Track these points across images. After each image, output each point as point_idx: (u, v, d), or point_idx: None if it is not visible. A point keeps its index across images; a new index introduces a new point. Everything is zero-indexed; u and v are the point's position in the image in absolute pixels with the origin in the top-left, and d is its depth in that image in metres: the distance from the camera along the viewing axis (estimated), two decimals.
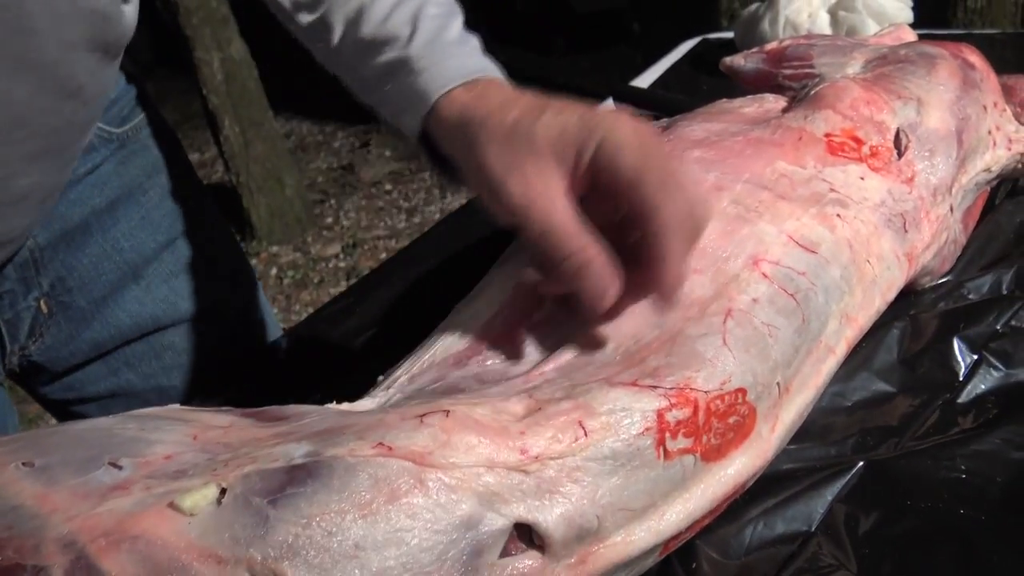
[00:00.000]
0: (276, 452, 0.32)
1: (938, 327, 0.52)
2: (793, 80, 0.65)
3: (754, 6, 1.06)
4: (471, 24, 0.52)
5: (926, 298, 0.56)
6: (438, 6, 0.50)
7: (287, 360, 0.72)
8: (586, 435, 0.34)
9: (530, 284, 0.44)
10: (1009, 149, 0.61)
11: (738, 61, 0.70)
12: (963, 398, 0.48)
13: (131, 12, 0.54)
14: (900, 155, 0.53)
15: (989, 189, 0.65)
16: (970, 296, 0.56)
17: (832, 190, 0.49)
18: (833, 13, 0.98)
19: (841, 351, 0.45)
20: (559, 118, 0.39)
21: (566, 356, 0.40)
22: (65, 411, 0.68)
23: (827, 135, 0.52)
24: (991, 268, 0.59)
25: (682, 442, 0.36)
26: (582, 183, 0.39)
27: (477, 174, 0.41)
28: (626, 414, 0.36)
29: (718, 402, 0.38)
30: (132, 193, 0.64)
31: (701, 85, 1.08)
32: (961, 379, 0.49)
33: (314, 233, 2.56)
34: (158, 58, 4.27)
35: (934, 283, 0.57)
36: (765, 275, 0.42)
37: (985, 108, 0.59)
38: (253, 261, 2.47)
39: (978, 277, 0.58)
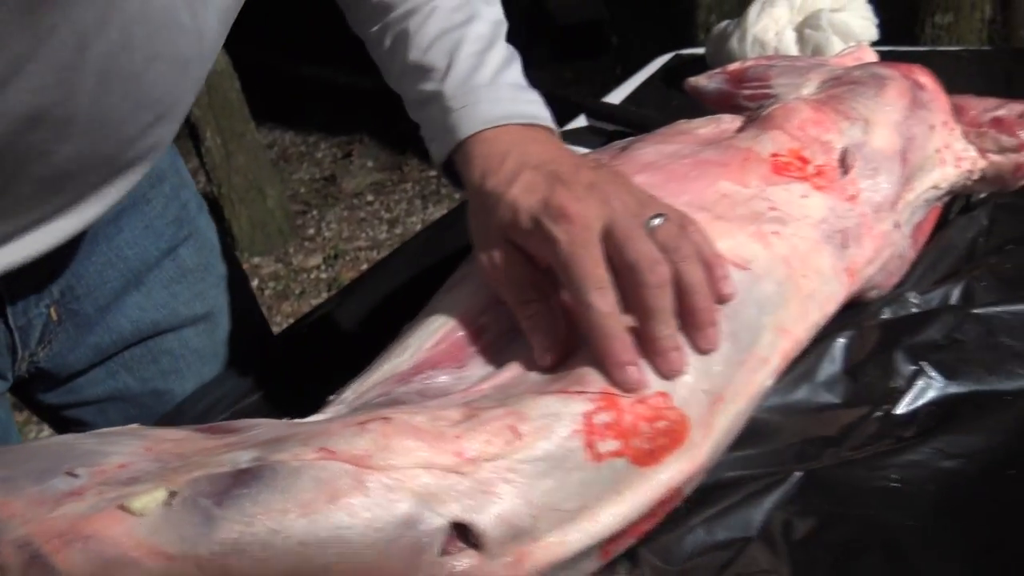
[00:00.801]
0: (224, 459, 0.33)
1: (881, 338, 0.53)
2: (751, 100, 0.67)
3: (724, 23, 1.08)
4: None
5: (874, 309, 0.58)
6: (478, 41, 0.54)
7: (276, 364, 0.72)
8: (519, 438, 0.36)
9: (475, 312, 0.46)
10: (958, 167, 0.63)
11: (701, 82, 0.73)
12: (902, 409, 0.50)
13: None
14: (845, 173, 0.55)
15: (942, 205, 0.67)
16: (914, 309, 0.57)
17: (772, 208, 0.50)
18: (799, 31, 1.00)
19: (776, 362, 0.46)
20: (517, 203, 0.45)
21: (503, 376, 0.41)
22: (60, 416, 0.69)
23: (773, 155, 0.54)
24: (942, 283, 0.61)
25: (610, 444, 0.38)
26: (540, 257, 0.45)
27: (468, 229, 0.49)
28: (555, 418, 0.37)
29: (640, 406, 0.39)
30: (136, 202, 0.65)
31: (672, 100, 1.10)
32: (902, 390, 0.51)
33: (296, 244, 2.57)
34: None
35: (882, 295, 0.59)
36: None
37: (932, 128, 0.61)
38: None
39: (928, 291, 0.60)
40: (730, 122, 0.62)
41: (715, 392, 0.43)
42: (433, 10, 0.56)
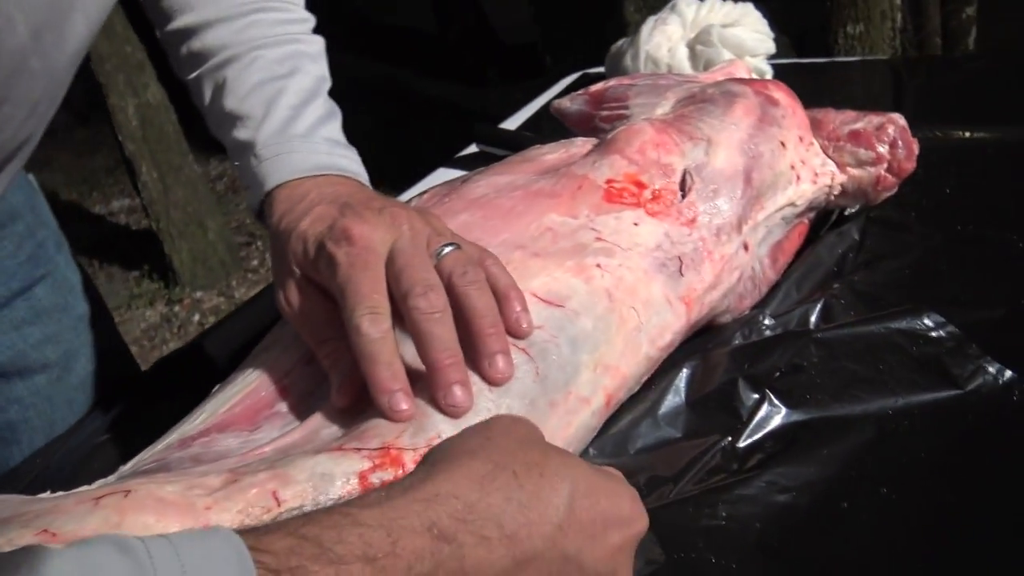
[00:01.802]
0: None
1: (726, 367, 0.52)
2: (607, 122, 0.65)
3: (620, 41, 1.07)
4: (399, 60, 0.55)
5: (726, 334, 0.56)
6: (298, 93, 0.53)
7: (137, 409, 0.69)
8: (278, 504, 0.34)
9: (280, 371, 0.44)
10: (815, 183, 0.61)
11: (564, 103, 0.71)
12: (743, 441, 0.48)
13: None
14: (683, 196, 0.53)
15: (808, 221, 0.66)
16: (768, 332, 0.56)
17: (599, 239, 0.49)
18: (692, 47, 0.99)
19: (599, 401, 0.44)
20: (306, 235, 0.44)
21: (292, 436, 0.39)
22: None
23: (609, 181, 0.53)
24: (803, 302, 0.59)
25: None
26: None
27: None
28: (325, 479, 0.35)
29: None
30: None
31: None
32: (744, 421, 0.49)
33: (239, 276, 2.53)
34: (93, 105, 4.23)
35: (737, 319, 0.57)
36: None
37: (784, 144, 0.59)
38: (176, 307, 2.43)
39: (786, 312, 0.58)
40: (581, 146, 0.60)
41: None
42: (254, 60, 0.54)
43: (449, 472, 0.31)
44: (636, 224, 0.50)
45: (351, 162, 0.52)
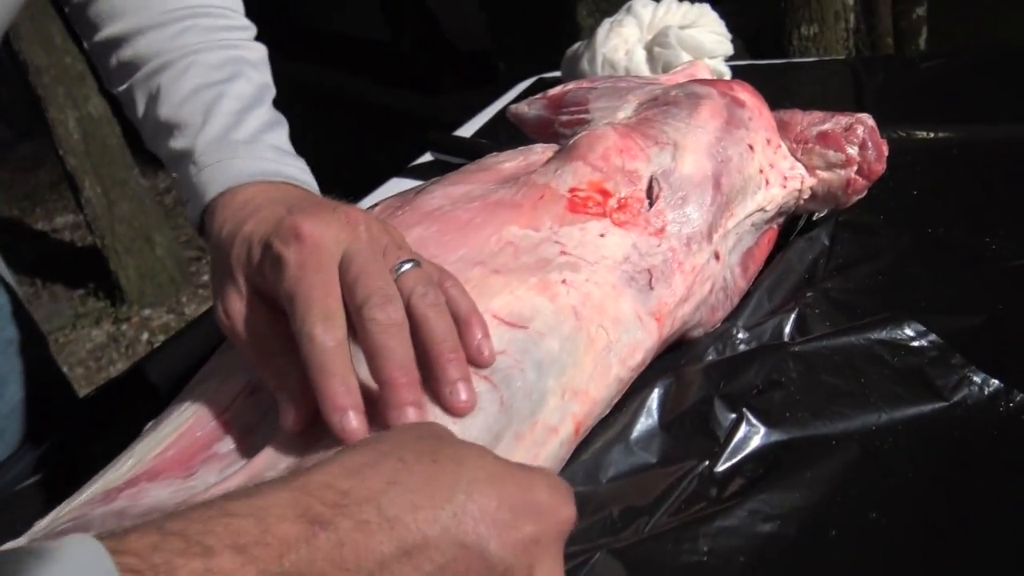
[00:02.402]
0: None
1: (700, 385, 0.49)
2: (567, 127, 0.62)
3: (576, 44, 1.04)
4: (353, 69, 0.51)
5: (698, 350, 0.53)
6: (237, 99, 0.49)
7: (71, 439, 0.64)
8: None
9: (219, 407, 0.39)
10: (784, 187, 0.59)
11: (522, 109, 0.68)
12: (721, 465, 0.45)
13: None
14: (651, 205, 0.50)
15: (777, 227, 0.63)
16: (742, 346, 0.53)
17: (563, 252, 0.45)
18: (649, 50, 0.97)
19: (568, 429, 0.41)
20: (251, 236, 0.40)
21: (229, 483, 0.35)
22: None
23: (572, 190, 0.49)
24: (776, 312, 0.57)
25: None
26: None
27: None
28: None
29: None
30: None
31: None
32: (722, 443, 0.46)
33: (189, 293, 2.45)
34: (35, 119, 4.09)
35: (709, 332, 0.54)
36: None
37: (752, 147, 0.57)
38: (124, 326, 2.34)
39: (760, 324, 0.55)
40: (540, 153, 0.57)
41: None
42: (190, 65, 0.50)
43: (326, 464, 0.28)
44: (602, 235, 0.47)
45: (300, 171, 0.48)
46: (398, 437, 0.30)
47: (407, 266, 0.38)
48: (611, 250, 0.47)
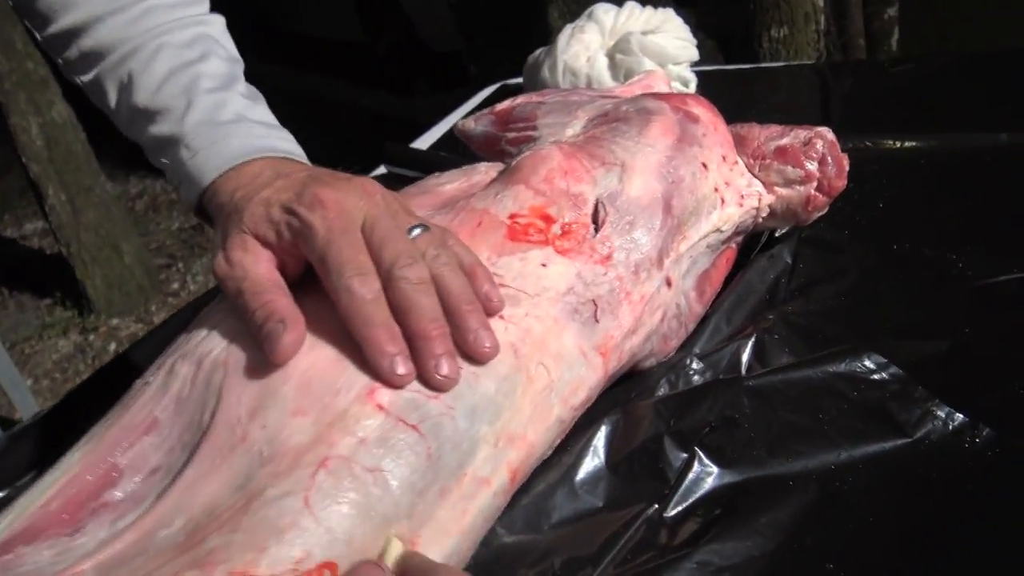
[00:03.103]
0: None
1: (650, 422, 0.46)
2: (514, 144, 0.59)
3: (537, 51, 1.01)
4: (329, 70, 0.52)
5: (650, 383, 0.50)
6: (213, 78, 0.50)
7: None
8: None
9: (115, 448, 0.36)
10: (741, 205, 0.56)
11: (468, 124, 0.65)
12: (672, 509, 0.42)
13: None
14: (596, 231, 0.47)
15: (736, 245, 0.61)
16: (696, 377, 0.50)
17: (502, 285, 0.42)
18: (611, 56, 0.94)
19: (502, 479, 0.38)
20: (268, 199, 0.41)
21: (123, 541, 0.32)
22: None
23: (512, 216, 0.46)
24: (735, 338, 0.54)
25: None
26: (293, 260, 0.41)
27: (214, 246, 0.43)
28: None
29: None
30: None
31: None
32: (672, 484, 0.43)
33: (159, 301, 2.40)
34: (2, 123, 4.01)
35: (662, 361, 0.52)
36: (380, 406, 0.35)
37: (706, 165, 0.54)
38: (91, 336, 2.29)
39: (716, 351, 0.53)
40: (484, 173, 0.54)
41: (410, 536, 0.34)
42: (159, 48, 0.49)
43: None
44: (544, 265, 0.44)
45: (290, 143, 0.49)
46: None
47: (417, 230, 0.41)
48: (554, 280, 0.44)
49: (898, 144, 0.77)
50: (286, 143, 0.49)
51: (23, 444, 0.59)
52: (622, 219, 0.48)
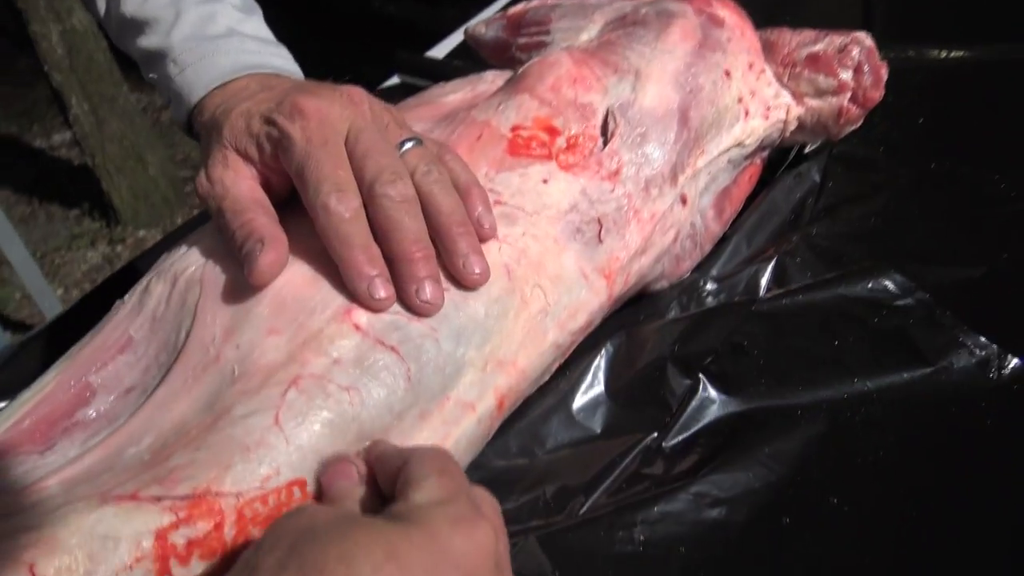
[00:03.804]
0: None
1: (653, 347, 0.44)
2: (525, 51, 0.55)
3: None
4: None
5: (661, 304, 0.48)
6: None
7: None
8: None
9: (89, 367, 0.35)
10: (766, 118, 0.52)
11: (479, 30, 0.61)
12: (671, 439, 0.41)
13: None
14: (605, 144, 0.44)
15: (761, 161, 0.57)
16: (710, 300, 0.48)
17: (498, 203, 0.40)
18: None
19: (488, 404, 0.36)
20: (249, 111, 0.39)
21: (85, 461, 0.31)
22: None
23: (514, 128, 0.43)
24: (754, 260, 0.51)
25: (200, 567, 0.28)
26: (277, 176, 0.38)
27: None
28: (108, 543, 0.27)
29: (258, 505, 0.29)
30: None
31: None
32: (673, 413, 0.41)
33: (184, 213, 2.40)
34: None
35: (674, 283, 0.49)
36: (358, 327, 0.33)
37: (729, 73, 0.50)
38: (119, 247, 2.31)
39: (733, 274, 0.50)
40: (490, 82, 0.51)
41: None
42: None
43: None
44: (545, 181, 0.41)
45: (284, 60, 0.46)
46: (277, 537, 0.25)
47: (409, 144, 0.38)
48: (555, 198, 0.41)
49: (943, 54, 0.71)
50: (280, 59, 0.46)
51: (35, 350, 0.59)
52: (633, 131, 0.44)
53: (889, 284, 0.44)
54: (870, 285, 0.44)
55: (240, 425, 0.30)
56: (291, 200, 0.38)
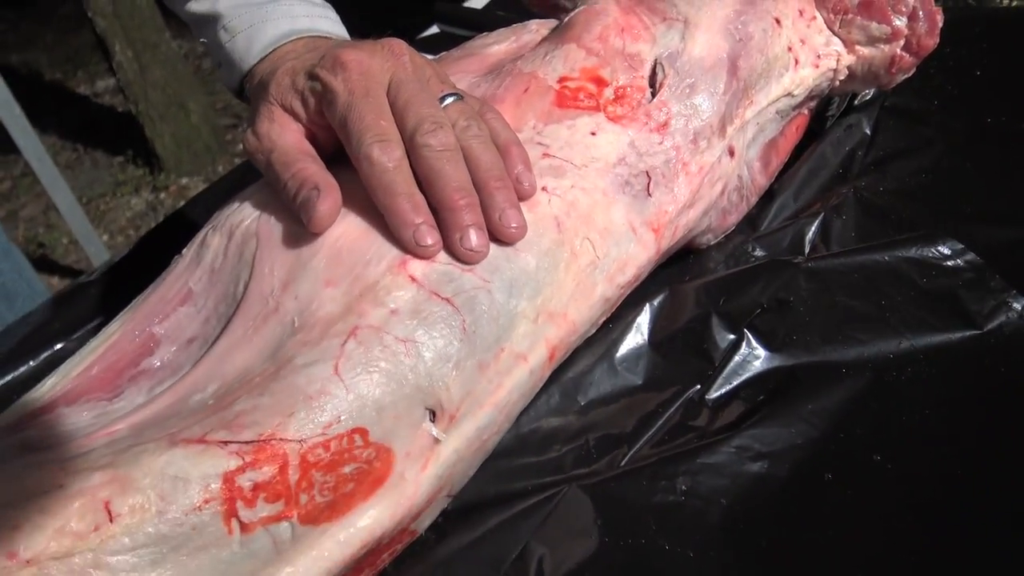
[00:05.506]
0: None
1: (698, 301, 0.44)
2: None
3: None
4: None
5: (706, 262, 0.48)
6: None
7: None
8: (111, 521, 0.27)
9: (152, 318, 0.36)
10: (816, 67, 0.51)
11: None
12: (714, 391, 0.41)
13: None
14: (653, 95, 0.44)
15: (809, 111, 0.56)
16: (756, 257, 0.47)
17: (547, 155, 0.40)
18: None
19: (540, 355, 0.37)
20: (294, 68, 0.40)
21: (153, 407, 0.32)
22: None
23: (562, 80, 0.43)
24: (800, 216, 0.51)
25: (265, 509, 0.29)
26: (324, 131, 0.39)
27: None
28: (179, 484, 0.28)
29: (320, 451, 0.30)
30: None
31: None
32: (716, 366, 0.42)
33: (226, 161, 2.42)
34: None
35: (719, 240, 0.49)
36: (413, 278, 0.34)
37: (779, 21, 0.49)
38: (162, 195, 2.34)
39: (779, 229, 0.50)
40: (534, 32, 0.50)
41: (448, 409, 0.34)
42: None
43: None
44: (594, 134, 0.41)
45: (333, 24, 0.47)
46: None
47: (450, 99, 0.38)
48: (603, 150, 0.41)
49: (1004, 2, 0.69)
50: (327, 22, 0.47)
51: (91, 292, 0.61)
52: (682, 82, 0.44)
53: (940, 247, 0.44)
54: (920, 248, 0.44)
55: (302, 374, 0.31)
56: (338, 156, 0.39)
